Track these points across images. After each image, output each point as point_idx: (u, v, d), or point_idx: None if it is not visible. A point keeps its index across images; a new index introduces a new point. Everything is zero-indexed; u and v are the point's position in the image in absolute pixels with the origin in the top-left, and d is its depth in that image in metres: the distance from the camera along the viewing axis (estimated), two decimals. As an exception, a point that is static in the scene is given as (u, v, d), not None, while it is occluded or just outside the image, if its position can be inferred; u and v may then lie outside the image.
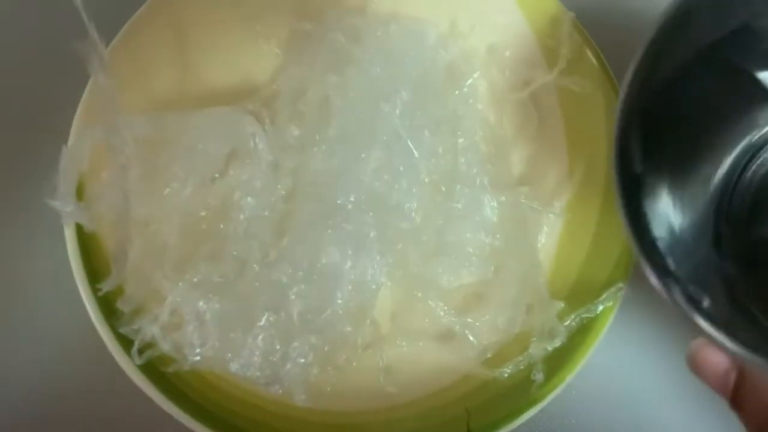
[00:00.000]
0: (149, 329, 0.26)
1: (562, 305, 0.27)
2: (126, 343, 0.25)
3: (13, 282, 0.31)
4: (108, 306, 0.26)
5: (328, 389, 0.27)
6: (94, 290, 0.25)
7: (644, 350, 0.30)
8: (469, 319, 0.27)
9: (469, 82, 0.30)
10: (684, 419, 0.30)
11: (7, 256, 0.31)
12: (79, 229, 0.26)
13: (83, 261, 0.26)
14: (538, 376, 0.26)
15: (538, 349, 0.26)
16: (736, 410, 0.20)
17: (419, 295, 0.28)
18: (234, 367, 0.26)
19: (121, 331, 0.26)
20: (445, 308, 0.28)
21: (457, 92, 0.30)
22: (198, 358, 0.26)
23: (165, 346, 0.26)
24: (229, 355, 0.26)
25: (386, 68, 0.28)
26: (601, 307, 0.27)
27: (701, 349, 0.21)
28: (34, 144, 0.31)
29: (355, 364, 0.27)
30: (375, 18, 0.29)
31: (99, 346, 0.26)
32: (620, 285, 0.27)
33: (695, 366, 0.21)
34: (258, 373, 0.26)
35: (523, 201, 0.30)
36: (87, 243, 0.26)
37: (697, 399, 0.30)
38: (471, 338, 0.28)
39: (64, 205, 0.25)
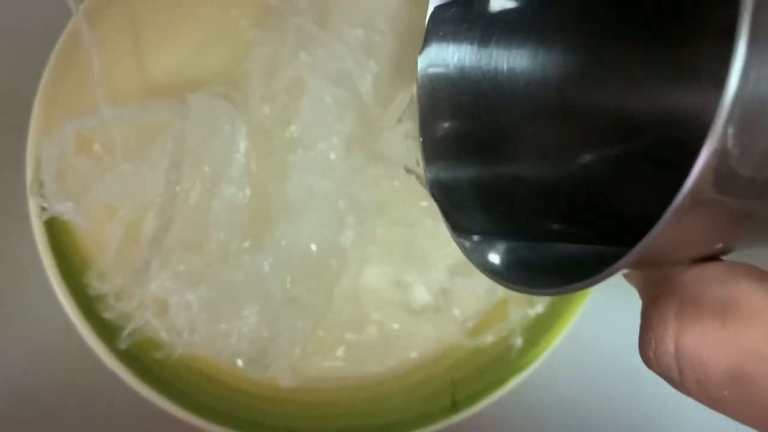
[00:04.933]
0: (141, 315, 0.26)
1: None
2: (103, 331, 0.26)
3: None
4: (82, 295, 0.26)
5: (312, 368, 0.27)
6: (68, 282, 0.26)
7: (632, 317, 0.30)
8: (450, 290, 0.27)
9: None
10: (672, 389, 0.30)
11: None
12: (48, 222, 0.26)
13: (53, 251, 0.26)
14: (517, 341, 0.26)
15: (518, 314, 0.26)
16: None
17: (402, 273, 0.28)
18: (221, 353, 0.26)
19: (106, 316, 0.26)
20: (428, 282, 0.28)
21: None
22: (186, 344, 0.26)
23: (153, 332, 0.26)
24: (218, 341, 0.26)
25: (356, 45, 0.28)
26: (583, 272, 0.26)
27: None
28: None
29: (339, 341, 0.28)
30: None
31: (76, 338, 0.26)
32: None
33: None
34: (244, 358, 0.27)
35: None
36: (56, 232, 0.26)
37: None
38: (454, 309, 0.28)
39: (54, 203, 0.25)
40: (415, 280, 0.28)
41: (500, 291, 0.28)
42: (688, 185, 0.12)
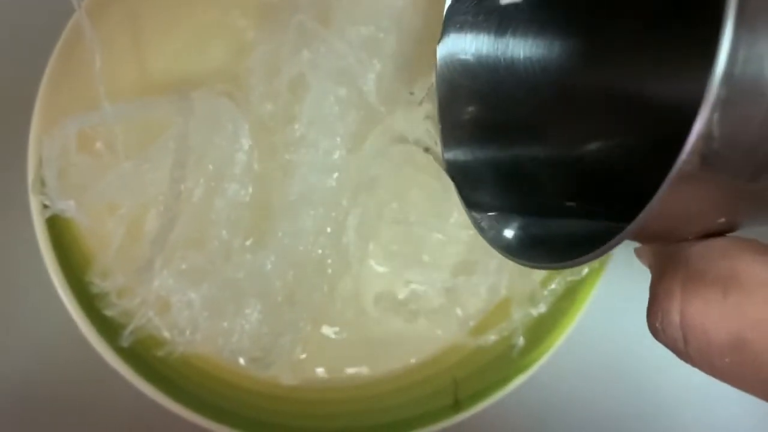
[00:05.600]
0: (143, 313, 0.26)
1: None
2: (104, 329, 0.26)
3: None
4: (84, 293, 0.26)
5: (314, 367, 0.27)
6: (70, 280, 0.25)
7: (636, 315, 0.30)
8: (453, 289, 0.27)
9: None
10: (678, 383, 0.30)
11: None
12: (49, 220, 0.26)
13: (55, 249, 0.25)
14: (519, 340, 0.26)
15: (520, 314, 0.26)
16: None
17: (404, 272, 0.28)
18: (223, 351, 0.26)
19: (108, 313, 0.26)
20: (430, 282, 0.28)
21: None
22: (188, 342, 0.26)
23: (155, 330, 0.26)
24: (220, 339, 0.26)
25: (359, 43, 0.28)
26: (586, 270, 0.26)
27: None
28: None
29: (341, 340, 0.28)
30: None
31: (77, 336, 0.26)
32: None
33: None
34: (246, 356, 0.27)
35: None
36: (57, 230, 0.26)
37: (689, 365, 0.29)
38: (456, 308, 0.27)
39: (56, 201, 0.25)
40: (417, 279, 0.28)
41: (502, 290, 0.28)
42: (680, 160, 0.12)
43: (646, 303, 0.27)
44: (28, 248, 0.26)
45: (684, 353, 0.16)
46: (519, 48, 0.23)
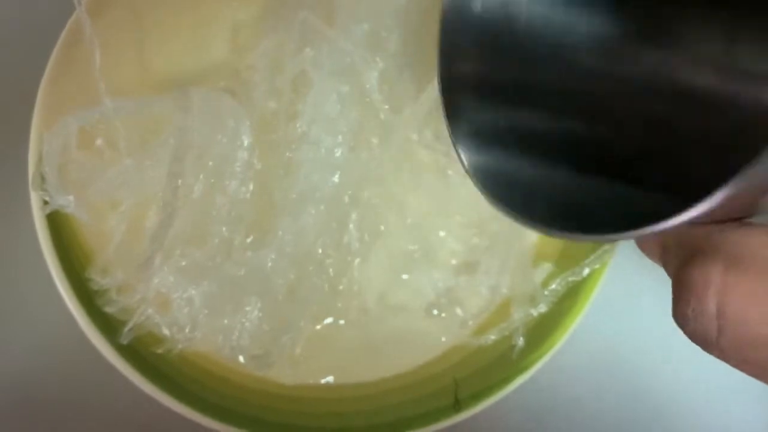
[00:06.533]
0: (143, 310, 0.26)
1: (549, 269, 0.27)
2: (104, 326, 0.25)
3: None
4: (84, 289, 0.26)
5: (314, 366, 0.27)
6: (69, 276, 0.25)
7: (637, 316, 0.30)
8: (454, 288, 0.27)
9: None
10: (679, 385, 0.30)
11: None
12: (50, 216, 0.26)
13: (55, 245, 0.25)
14: (519, 341, 0.26)
15: (521, 314, 0.26)
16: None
17: (404, 271, 0.28)
18: (224, 349, 0.26)
19: (108, 310, 0.26)
20: (431, 282, 0.28)
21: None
22: (187, 339, 0.26)
23: (155, 327, 0.26)
24: (220, 337, 0.26)
25: (362, 41, 0.28)
26: (587, 270, 0.26)
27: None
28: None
29: (341, 338, 0.27)
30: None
31: (77, 332, 0.26)
32: (606, 247, 0.26)
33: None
34: (246, 355, 0.27)
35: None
36: (58, 226, 0.26)
37: (692, 364, 0.30)
38: (457, 308, 0.27)
39: (56, 197, 0.25)
40: (418, 278, 0.28)
41: (504, 290, 0.28)
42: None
43: (646, 304, 0.27)
44: (28, 245, 0.26)
45: (713, 344, 0.16)
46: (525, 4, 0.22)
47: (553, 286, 0.27)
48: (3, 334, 0.30)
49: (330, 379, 0.28)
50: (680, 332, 0.21)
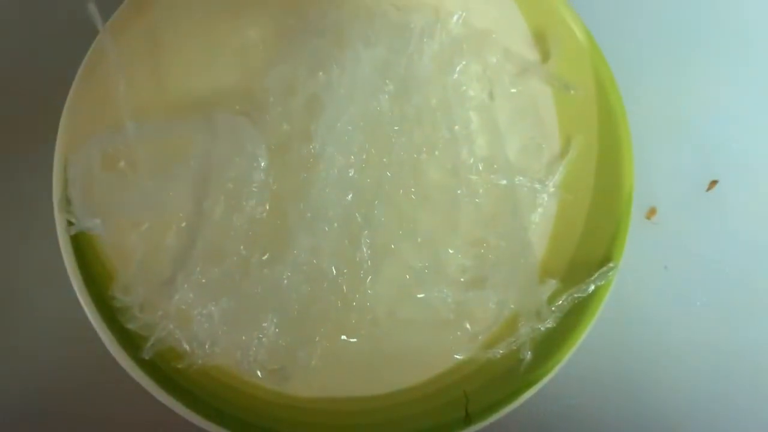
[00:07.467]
0: (164, 326, 0.27)
1: (555, 286, 0.28)
2: (126, 342, 0.26)
3: (7, 283, 0.31)
4: (105, 304, 0.26)
5: (328, 379, 0.28)
6: (93, 294, 0.26)
7: (643, 330, 0.30)
8: (463, 303, 0.28)
9: (459, 68, 0.30)
10: (682, 399, 0.30)
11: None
12: (73, 236, 0.26)
13: (79, 264, 0.26)
14: (526, 355, 0.26)
15: (527, 329, 0.27)
16: None
17: (414, 287, 0.29)
18: (242, 363, 0.27)
19: (130, 326, 0.26)
20: (441, 297, 0.28)
21: (447, 80, 0.30)
22: (207, 354, 0.27)
23: (175, 343, 0.27)
24: (238, 352, 0.27)
25: (372, 64, 0.29)
26: (592, 287, 0.27)
27: None
28: (18, 144, 0.31)
29: (354, 352, 0.28)
30: (358, 12, 0.29)
31: (97, 345, 0.26)
32: (611, 264, 0.27)
33: None
34: (264, 370, 0.27)
35: (517, 182, 0.30)
36: (81, 245, 0.26)
37: (695, 378, 0.30)
38: (466, 323, 0.28)
39: (82, 219, 0.26)
40: (429, 294, 0.28)
41: (511, 305, 0.28)
42: None
43: (654, 319, 0.28)
44: (53, 264, 0.27)
45: None
46: None
47: (560, 302, 0.28)
48: (27, 350, 0.30)
49: (344, 392, 0.28)
50: (685, 345, 0.21)
